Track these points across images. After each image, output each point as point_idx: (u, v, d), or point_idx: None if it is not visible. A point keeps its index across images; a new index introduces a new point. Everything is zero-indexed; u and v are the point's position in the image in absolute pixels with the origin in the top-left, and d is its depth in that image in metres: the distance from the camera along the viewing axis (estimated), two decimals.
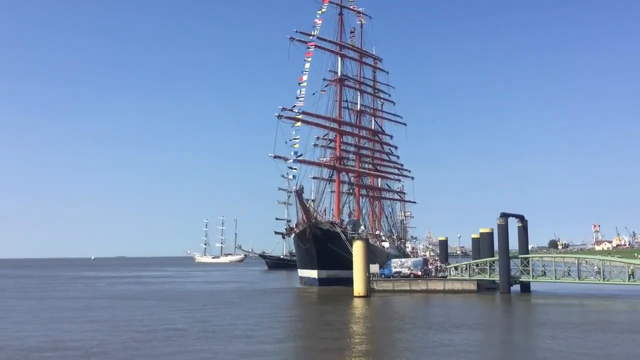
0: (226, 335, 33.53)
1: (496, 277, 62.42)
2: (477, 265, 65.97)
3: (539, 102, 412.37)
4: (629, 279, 56.39)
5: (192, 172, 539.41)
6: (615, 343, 29.97)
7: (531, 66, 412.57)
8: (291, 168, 78.68)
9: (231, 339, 32.06)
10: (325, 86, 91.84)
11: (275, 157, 78.32)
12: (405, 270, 68.48)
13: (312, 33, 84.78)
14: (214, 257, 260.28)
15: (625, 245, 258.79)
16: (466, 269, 65.92)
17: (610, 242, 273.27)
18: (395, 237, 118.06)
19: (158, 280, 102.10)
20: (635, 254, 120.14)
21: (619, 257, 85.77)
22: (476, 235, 75.67)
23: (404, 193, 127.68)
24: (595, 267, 59.47)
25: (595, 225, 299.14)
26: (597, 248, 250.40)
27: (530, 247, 78.97)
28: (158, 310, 48.55)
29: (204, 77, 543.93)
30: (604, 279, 57.66)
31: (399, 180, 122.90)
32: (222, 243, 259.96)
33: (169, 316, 43.74)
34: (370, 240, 78.00)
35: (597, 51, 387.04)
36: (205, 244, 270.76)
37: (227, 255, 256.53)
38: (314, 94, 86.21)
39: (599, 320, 39.45)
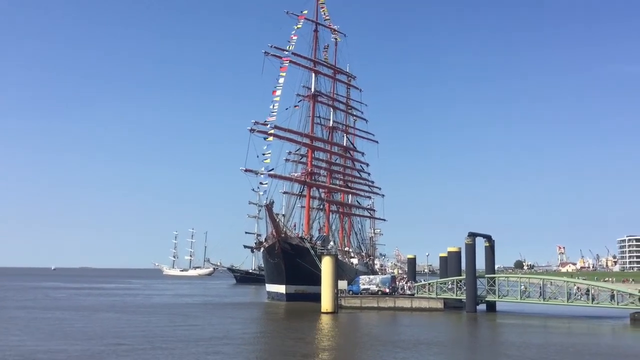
0: (184, 349, 32.98)
1: (463, 296, 62.91)
2: (444, 283, 66.47)
3: (508, 123, 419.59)
4: (592, 301, 57.36)
5: (162, 184, 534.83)
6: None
7: (504, 87, 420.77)
8: (262, 182, 78.57)
9: (187, 354, 31.46)
10: (299, 101, 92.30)
11: (246, 170, 77.99)
12: (374, 288, 68.58)
13: (287, 48, 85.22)
14: (182, 270, 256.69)
15: (588, 267, 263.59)
16: (434, 287, 66.34)
17: (574, 264, 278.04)
18: (364, 253, 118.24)
19: (121, 293, 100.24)
20: (596, 277, 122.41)
21: (583, 279, 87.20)
22: (444, 254, 76.24)
23: (374, 210, 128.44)
24: (559, 288, 60.46)
25: (560, 247, 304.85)
26: (562, 270, 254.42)
27: (496, 267, 79.98)
28: (112, 322, 47.68)
29: (177, 90, 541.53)
30: (567, 300, 58.66)
31: (369, 197, 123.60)
32: (191, 256, 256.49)
33: (121, 328, 42.97)
34: (339, 257, 78.03)
35: (571, 74, 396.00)
36: (174, 257, 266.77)
37: (195, 268, 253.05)
38: (287, 109, 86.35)
39: (560, 342, 40.01)
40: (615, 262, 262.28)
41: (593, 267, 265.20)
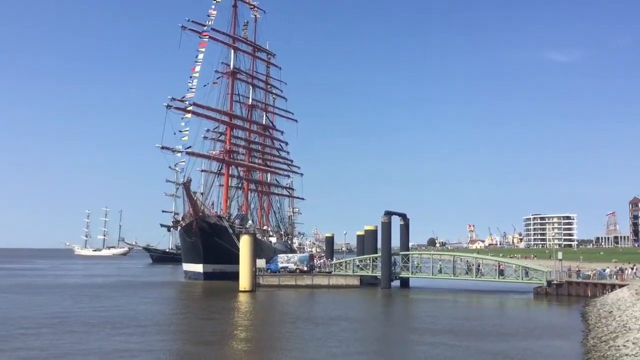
0: (89, 332, 32.06)
1: (378, 273, 64.58)
2: (360, 261, 67.96)
3: (421, 103, 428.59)
4: (498, 276, 60.43)
5: (73, 160, 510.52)
6: (483, 332, 32.06)
7: (420, 68, 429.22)
8: (180, 161, 76.99)
9: (92, 337, 30.62)
10: (217, 78, 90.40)
11: (163, 148, 75.84)
12: (292, 266, 69.10)
13: (206, 23, 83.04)
14: (95, 250, 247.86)
15: (496, 244, 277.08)
16: (350, 265, 67.72)
17: (483, 241, 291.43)
18: (282, 232, 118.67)
19: (29, 273, 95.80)
20: (501, 254, 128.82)
21: (491, 255, 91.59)
22: (361, 233, 77.83)
23: (293, 189, 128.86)
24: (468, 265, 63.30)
25: (470, 225, 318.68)
26: (472, 247, 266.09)
27: (410, 244, 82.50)
28: (12, 304, 45.88)
29: (90, 62, 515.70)
30: (476, 275, 61.63)
31: (288, 176, 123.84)
32: (105, 235, 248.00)
33: (23, 310, 41.42)
34: (257, 235, 78.06)
35: (491, 55, 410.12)
36: (86, 236, 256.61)
37: (109, 248, 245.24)
38: (205, 86, 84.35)
39: (470, 315, 42.00)
40: (521, 240, 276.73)
41: (500, 244, 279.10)
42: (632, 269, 57.41)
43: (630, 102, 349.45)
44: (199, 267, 76.10)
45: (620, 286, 48.93)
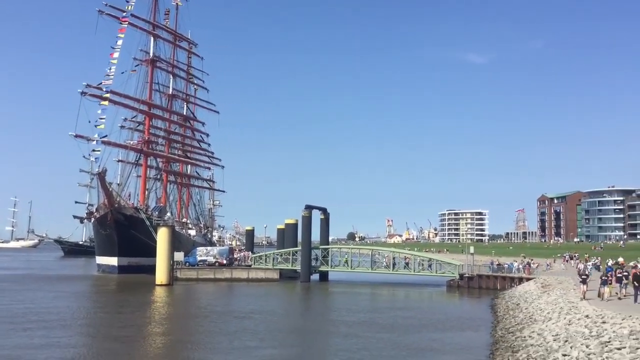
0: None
1: (298, 267, 64.95)
2: (280, 255, 68.12)
3: (345, 95, 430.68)
4: (414, 270, 62.22)
5: None
6: (396, 324, 32.90)
7: (347, 59, 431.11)
8: (94, 150, 74.17)
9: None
10: (136, 66, 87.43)
11: (77, 136, 72.62)
12: (211, 259, 68.32)
13: (126, 9, 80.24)
14: (2, 242, 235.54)
15: (413, 238, 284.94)
16: (270, 258, 67.76)
17: (400, 235, 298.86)
18: (202, 225, 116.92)
19: None
20: (416, 248, 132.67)
21: (408, 249, 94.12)
22: (281, 226, 77.94)
23: (214, 181, 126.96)
24: (386, 259, 64.89)
25: (388, 220, 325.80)
26: (390, 241, 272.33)
27: (330, 238, 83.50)
28: None
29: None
30: (392, 269, 63.29)
31: (209, 169, 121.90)
32: (13, 226, 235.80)
33: None
34: (176, 228, 76.51)
35: (408, 53, 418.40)
36: None
37: (18, 240, 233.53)
38: (123, 73, 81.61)
39: (385, 307, 43.01)
40: (436, 234, 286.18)
41: (417, 238, 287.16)
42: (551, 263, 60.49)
43: (540, 103, 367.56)
44: (113, 260, 73.72)
45: (528, 279, 51.56)
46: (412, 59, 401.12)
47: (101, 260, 78.37)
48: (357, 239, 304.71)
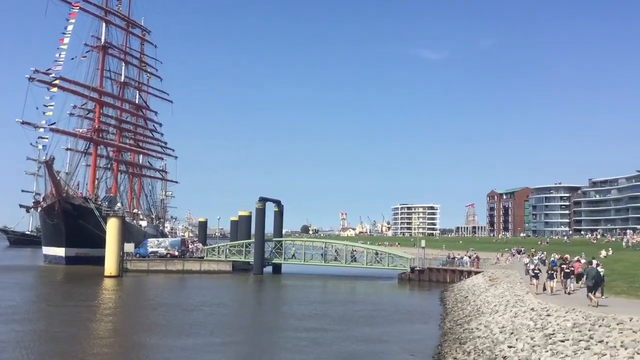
0: None
1: (251, 259, 64.71)
2: (233, 247, 67.74)
3: (304, 85, 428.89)
4: (367, 263, 62.83)
5: None
6: (347, 316, 33.14)
7: (297, 50, 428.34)
8: (42, 137, 72.04)
9: None
10: (87, 52, 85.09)
11: (23, 123, 70.57)
12: (162, 251, 67.42)
13: None
14: None
15: (366, 232, 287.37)
16: (223, 250, 67.31)
17: (354, 229, 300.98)
18: (154, 216, 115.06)
19: None
20: (369, 242, 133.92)
21: (361, 242, 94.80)
22: (235, 218, 77.43)
23: (166, 172, 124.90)
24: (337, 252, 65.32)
25: (342, 213, 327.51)
26: (343, 234, 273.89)
27: (284, 231, 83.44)
28: None
29: None
30: (345, 262, 63.75)
31: (162, 159, 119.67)
32: None
33: None
34: (127, 219, 75.15)
35: (361, 47, 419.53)
36: None
37: None
38: (73, 59, 79.29)
39: (337, 299, 43.27)
40: (389, 228, 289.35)
41: (370, 232, 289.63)
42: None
43: (491, 100, 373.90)
44: (60, 251, 71.85)
45: (476, 273, 52.72)
46: (363, 54, 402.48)
47: (48, 250, 76.31)
48: (310, 232, 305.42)
